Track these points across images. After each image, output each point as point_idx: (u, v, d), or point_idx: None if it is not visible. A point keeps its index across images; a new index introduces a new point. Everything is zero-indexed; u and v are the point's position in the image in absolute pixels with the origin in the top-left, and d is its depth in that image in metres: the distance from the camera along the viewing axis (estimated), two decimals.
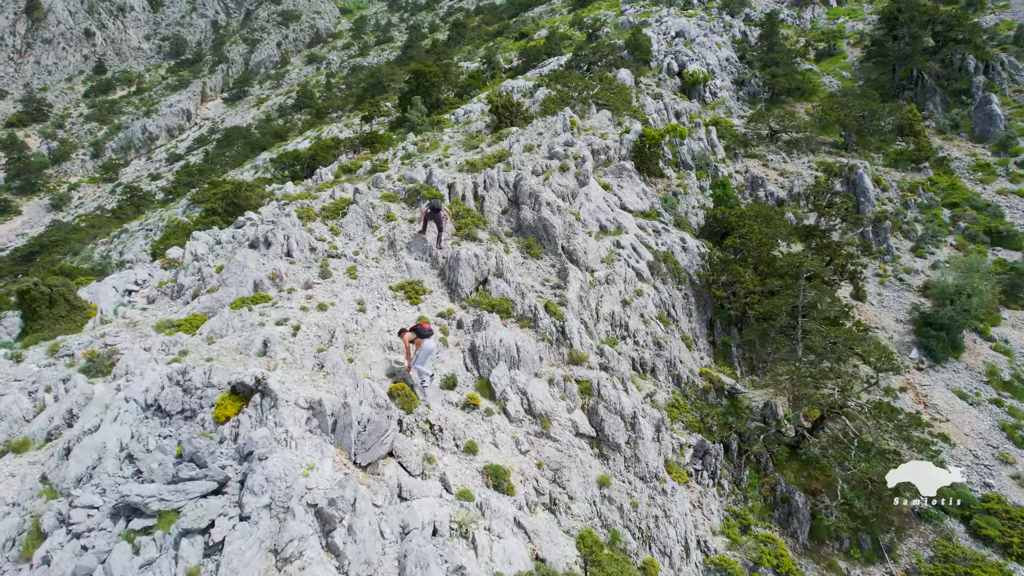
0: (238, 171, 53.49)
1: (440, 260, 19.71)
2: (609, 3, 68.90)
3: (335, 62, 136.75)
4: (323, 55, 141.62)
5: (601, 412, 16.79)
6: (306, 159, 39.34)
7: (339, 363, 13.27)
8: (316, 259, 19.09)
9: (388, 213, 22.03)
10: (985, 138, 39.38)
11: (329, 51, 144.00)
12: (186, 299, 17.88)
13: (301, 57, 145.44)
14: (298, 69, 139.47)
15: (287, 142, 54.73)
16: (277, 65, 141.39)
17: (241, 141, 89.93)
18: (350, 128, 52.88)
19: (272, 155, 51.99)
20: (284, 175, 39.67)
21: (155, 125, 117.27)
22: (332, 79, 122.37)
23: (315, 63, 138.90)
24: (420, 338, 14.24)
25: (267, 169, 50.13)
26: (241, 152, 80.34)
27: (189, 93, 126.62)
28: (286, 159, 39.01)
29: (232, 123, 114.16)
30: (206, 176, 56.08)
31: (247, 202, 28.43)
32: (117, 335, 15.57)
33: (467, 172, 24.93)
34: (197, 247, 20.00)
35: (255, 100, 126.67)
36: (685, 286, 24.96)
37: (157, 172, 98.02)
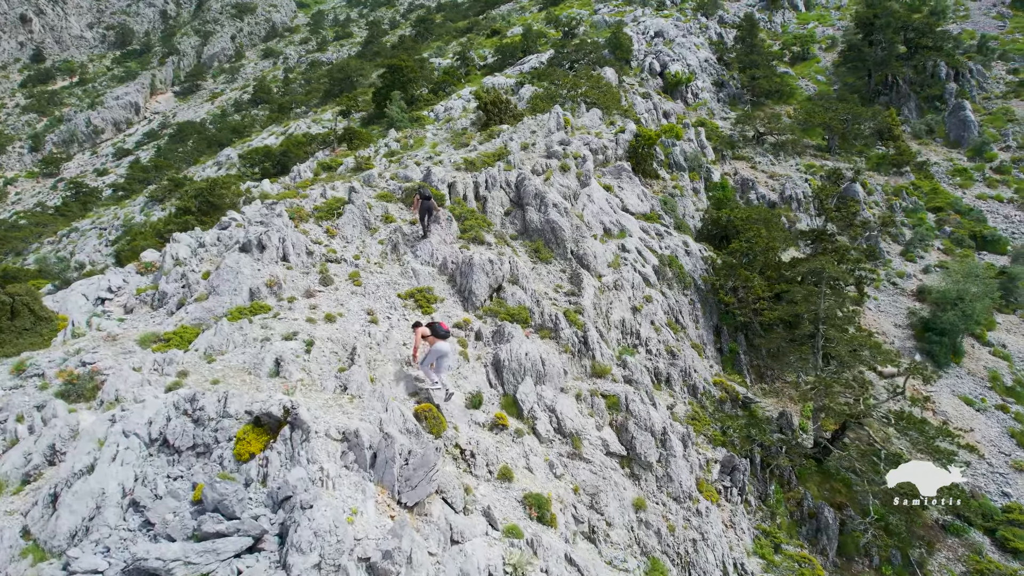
0: (199, 168, 50.55)
1: (449, 265, 18.30)
2: (581, 2, 68.26)
3: (292, 57, 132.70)
4: (280, 50, 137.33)
5: (631, 429, 15.71)
6: (277, 156, 37.18)
7: (363, 384, 11.79)
8: (314, 264, 17.44)
9: (386, 214, 20.50)
10: (960, 143, 40.06)
11: (286, 45, 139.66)
12: (170, 309, 16.01)
13: (257, 51, 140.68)
14: (254, 63, 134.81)
15: (251, 138, 52.06)
16: (231, 59, 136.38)
17: (196, 136, 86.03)
18: (319, 124, 50.61)
19: (237, 151, 49.28)
20: (254, 172, 37.39)
21: (100, 118, 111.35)
22: (290, 74, 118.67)
23: (271, 57, 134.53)
24: (435, 337, 13.25)
25: (232, 166, 47.45)
26: (197, 148, 76.67)
27: (137, 85, 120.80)
28: (255, 156, 36.77)
29: (184, 118, 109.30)
30: (163, 172, 52.87)
31: (221, 200, 26.36)
32: (95, 351, 13.68)
33: (466, 171, 23.56)
34: (178, 250, 18.07)
35: (209, 94, 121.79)
36: (690, 291, 24.15)
37: (104, 167, 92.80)
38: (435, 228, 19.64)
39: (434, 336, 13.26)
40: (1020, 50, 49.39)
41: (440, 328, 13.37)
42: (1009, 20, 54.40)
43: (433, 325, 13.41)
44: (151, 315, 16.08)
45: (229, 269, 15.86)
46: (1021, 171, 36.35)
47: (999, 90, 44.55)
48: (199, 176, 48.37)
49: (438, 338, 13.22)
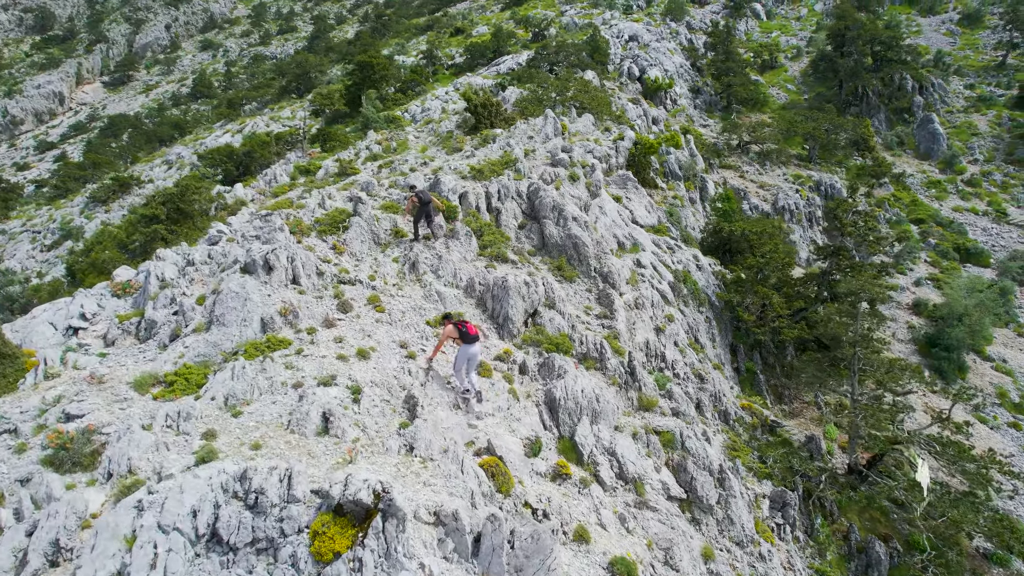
0: (145, 166, 46.53)
1: (477, 287, 16.53)
2: (545, 2, 67.16)
3: (234, 50, 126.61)
4: (219, 42, 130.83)
5: (690, 469, 14.40)
6: (240, 156, 34.26)
7: (432, 441, 9.95)
8: (326, 286, 15.37)
9: (396, 227, 18.54)
10: (930, 155, 40.90)
11: (226, 38, 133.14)
12: (161, 341, 13.66)
13: (194, 43, 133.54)
14: (191, 55, 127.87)
15: (204, 136, 48.32)
16: (167, 49, 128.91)
17: (131, 131, 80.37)
18: (279, 122, 47.48)
19: (190, 149, 45.58)
20: (215, 174, 34.30)
21: (19, 108, 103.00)
22: (232, 68, 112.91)
23: (211, 50, 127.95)
24: (463, 340, 12.48)
25: (183, 165, 43.83)
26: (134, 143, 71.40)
27: (61, 74, 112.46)
28: (217, 156, 33.75)
29: (116, 110, 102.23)
30: (103, 170, 48.47)
31: (191, 207, 23.66)
32: (81, 399, 11.33)
33: (473, 180, 21.78)
34: (163, 269, 15.62)
35: (143, 86, 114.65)
36: (705, 308, 23.14)
37: (24, 161, 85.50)
38: (454, 245, 17.85)
39: (462, 339, 12.50)
40: (973, 66, 51.19)
41: (468, 334, 12.46)
42: (959, 37, 56.43)
43: (461, 327, 12.51)
44: (139, 349, 13.68)
45: (234, 295, 13.64)
46: (992, 184, 37.32)
47: (960, 104, 45.91)
48: (146, 175, 44.55)
49: (465, 341, 12.45)
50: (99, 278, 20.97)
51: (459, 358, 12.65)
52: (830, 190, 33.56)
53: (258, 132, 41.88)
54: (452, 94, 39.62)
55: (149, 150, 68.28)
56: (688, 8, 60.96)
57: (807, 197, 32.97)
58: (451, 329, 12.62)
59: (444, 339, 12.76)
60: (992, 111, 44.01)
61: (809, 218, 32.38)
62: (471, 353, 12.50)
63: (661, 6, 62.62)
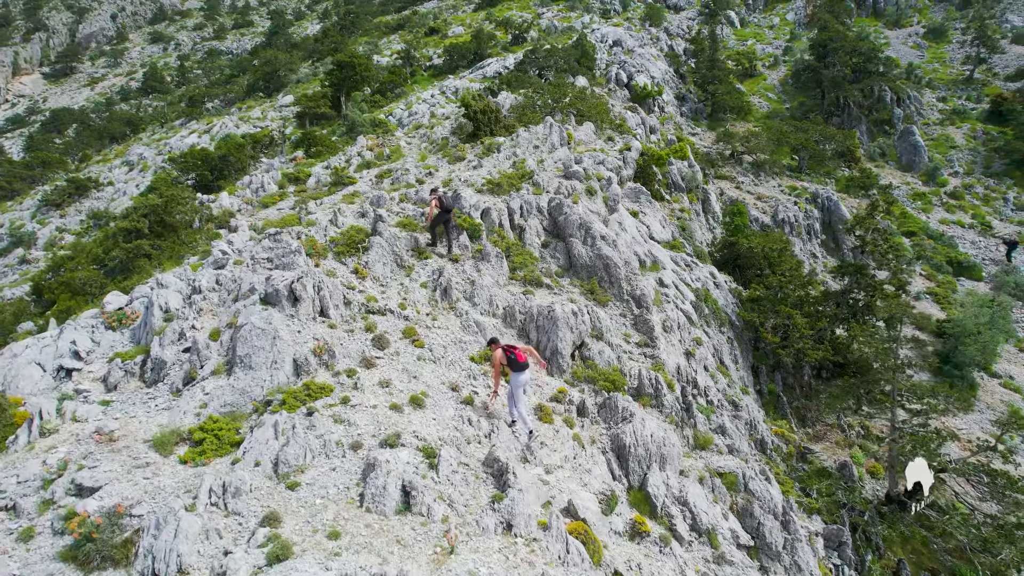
0: (104, 167, 43.21)
1: (517, 316, 15.22)
2: (520, 4, 66.05)
3: (186, 44, 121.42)
4: (171, 35, 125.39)
5: (756, 513, 13.43)
6: (216, 160, 31.95)
7: (532, 515, 8.63)
8: (354, 317, 13.84)
9: (417, 247, 17.06)
10: (911, 167, 41.42)
11: (178, 30, 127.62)
12: (173, 384, 11.92)
13: (143, 34, 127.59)
14: (140, 48, 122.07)
15: (170, 136, 45.23)
16: (113, 41, 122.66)
17: (78, 126, 75.80)
18: (248, 122, 44.92)
19: (151, 150, 42.56)
20: (186, 179, 31.83)
21: None
22: (185, 63, 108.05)
23: (161, 42, 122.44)
24: (511, 368, 11.40)
25: (146, 167, 40.90)
26: (82, 140, 67.09)
27: None
28: (190, 160, 31.34)
29: (59, 103, 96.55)
30: (54, 170, 44.89)
31: (173, 218, 21.55)
32: (93, 465, 9.63)
33: (490, 193, 20.44)
34: (167, 298, 13.80)
35: (87, 79, 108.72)
36: (726, 329, 22.37)
37: None
38: (484, 267, 16.50)
39: (510, 367, 11.41)
40: (943, 80, 52.39)
41: (518, 360, 11.36)
42: (926, 51, 57.79)
43: (510, 353, 11.44)
44: (148, 395, 11.91)
45: (260, 332, 12.00)
46: (974, 197, 37.96)
47: (935, 117, 46.81)
48: (105, 177, 41.47)
49: (514, 369, 11.36)
50: (75, 301, 18.82)
51: (513, 386, 11.53)
52: (827, 202, 33.43)
53: (232, 134, 39.36)
54: (438, 97, 38.09)
55: (99, 147, 64.26)
56: (664, 14, 60.76)
57: (805, 209, 32.75)
58: (500, 355, 11.48)
59: (498, 367, 11.58)
60: (967, 124, 44.97)
61: (808, 231, 32.16)
62: (520, 382, 11.43)
63: (638, 11, 62.33)
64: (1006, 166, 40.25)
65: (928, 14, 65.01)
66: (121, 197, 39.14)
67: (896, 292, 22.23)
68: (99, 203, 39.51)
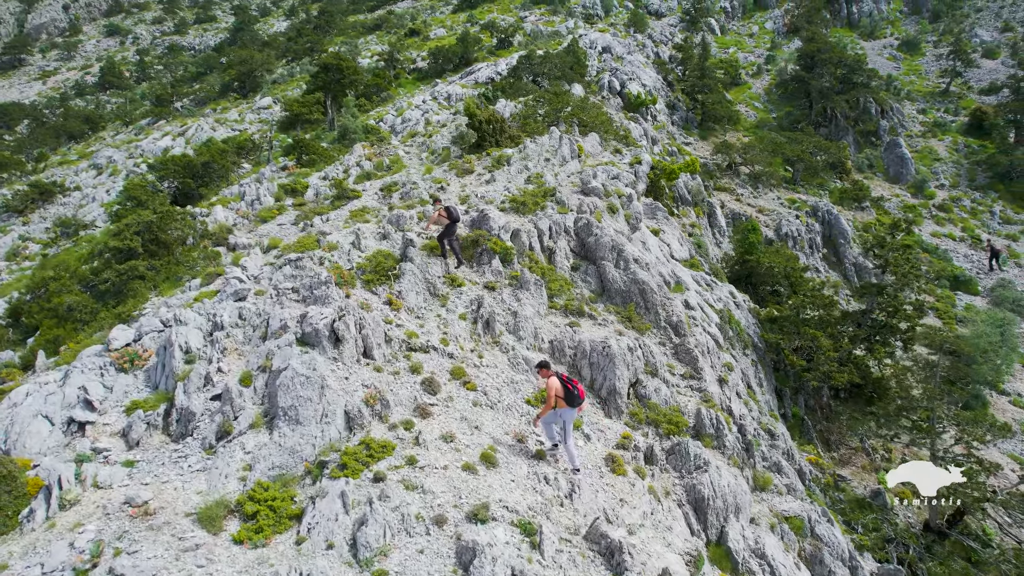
0: (68, 169, 40.49)
1: (567, 350, 14.26)
2: (501, 7, 65.04)
3: (145, 38, 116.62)
4: (128, 28, 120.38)
5: (826, 559, 12.80)
6: (199, 168, 30.07)
7: None
8: (396, 356, 12.67)
9: (449, 274, 15.93)
10: (899, 179, 41.85)
11: (135, 24, 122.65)
12: (206, 440, 10.61)
13: (98, 27, 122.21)
14: (95, 40, 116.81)
15: (141, 138, 42.69)
16: (65, 32, 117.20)
17: (31, 123, 71.95)
18: (225, 125, 42.77)
19: (121, 152, 40.05)
20: (167, 187, 29.81)
21: None
22: (145, 58, 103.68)
23: (118, 36, 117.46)
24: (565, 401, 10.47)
25: (115, 171, 38.44)
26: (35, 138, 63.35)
27: None
28: (172, 166, 29.38)
29: (7, 98, 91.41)
30: (13, 172, 41.87)
31: (167, 235, 19.90)
32: (133, 548, 8.37)
33: (514, 212, 19.40)
34: (187, 335, 12.40)
35: (38, 72, 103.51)
36: (750, 351, 21.81)
37: None
38: (524, 296, 15.49)
39: (566, 401, 10.41)
40: (920, 92, 53.40)
41: (579, 395, 10.43)
42: (902, 63, 58.88)
43: (571, 386, 10.44)
44: (177, 452, 10.56)
45: (303, 380, 10.77)
46: (962, 210, 38.54)
47: (917, 129, 47.55)
48: (71, 182, 38.92)
49: (571, 404, 10.42)
50: (64, 329, 17.11)
51: (556, 417, 10.68)
52: (827, 216, 33.36)
53: (212, 139, 37.28)
54: (431, 103, 36.81)
55: (55, 146, 60.72)
56: (647, 20, 60.52)
57: (806, 223, 32.61)
58: (557, 385, 10.42)
59: (552, 397, 10.41)
60: (948, 137, 45.77)
61: (811, 244, 32.01)
62: (571, 415, 10.54)
63: (620, 16, 61.98)
64: (989, 179, 41.01)
65: (900, 26, 66.39)
66: (90, 203, 36.78)
67: (914, 313, 21.98)
68: (66, 209, 37.04)
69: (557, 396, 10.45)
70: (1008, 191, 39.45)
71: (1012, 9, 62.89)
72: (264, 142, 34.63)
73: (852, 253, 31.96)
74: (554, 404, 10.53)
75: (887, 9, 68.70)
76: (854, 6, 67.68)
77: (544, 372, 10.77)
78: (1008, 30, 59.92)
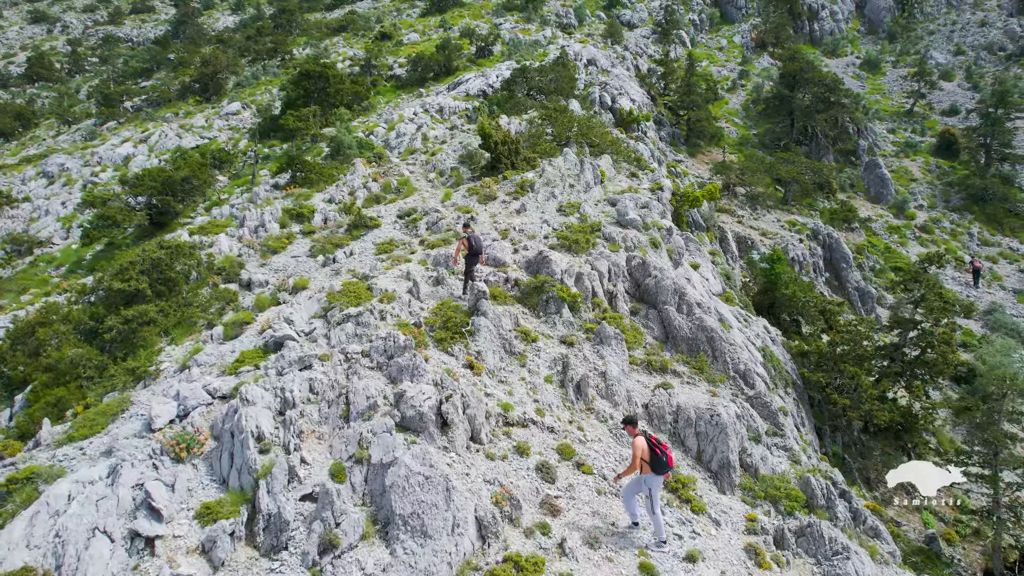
0: (11, 177, 36.18)
1: (667, 417, 13.09)
2: (472, 13, 63.44)
3: (76, 27, 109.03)
4: (55, 15, 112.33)
5: None
6: (178, 184, 27.35)
7: None
8: (497, 435, 11.25)
9: (519, 326, 14.53)
10: (879, 199, 42.72)
11: (64, 11, 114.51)
12: (307, 556, 8.95)
13: (20, 12, 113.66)
14: (18, 27, 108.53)
15: (98, 144, 38.73)
16: None
17: None
18: (192, 132, 39.60)
19: (75, 160, 36.28)
20: (135, 211, 26.86)
21: None
22: (78, 48, 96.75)
23: (44, 23, 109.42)
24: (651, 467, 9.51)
25: (70, 181, 34.86)
26: None
27: None
28: (150, 182, 26.49)
29: None
30: None
31: (174, 272, 17.62)
32: None
33: (565, 251, 18.11)
34: (257, 418, 10.57)
35: None
36: (791, 390, 21.25)
37: None
38: (607, 352, 14.27)
39: (652, 467, 9.46)
40: (887, 111, 55.00)
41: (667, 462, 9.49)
42: (866, 81, 60.61)
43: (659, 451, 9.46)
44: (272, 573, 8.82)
45: (420, 479, 9.23)
46: (942, 231, 39.62)
47: (890, 149, 48.83)
48: (19, 191, 35.11)
49: (657, 471, 9.48)
50: (66, 390, 14.76)
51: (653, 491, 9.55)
52: (827, 239, 33.51)
53: (181, 147, 34.30)
54: (423, 116, 35.01)
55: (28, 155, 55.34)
56: (622, 30, 60.18)
57: (809, 247, 32.63)
58: (644, 447, 9.43)
59: (638, 462, 9.44)
60: (920, 157, 47.16)
61: (815, 268, 32.02)
62: (657, 483, 9.55)
63: (594, 25, 61.44)
64: (963, 200, 42.34)
65: (859, 45, 68.47)
66: (44, 217, 33.30)
67: (948, 350, 21.96)
68: (14, 223, 33.41)
69: (643, 460, 9.42)
70: (983, 213, 40.78)
71: (962, 33, 65.71)
72: (238, 153, 32.09)
73: (855, 277, 32.15)
74: (639, 467, 9.46)
75: (846, 28, 70.72)
76: (816, 24, 69.35)
77: (631, 429, 9.79)
78: (960, 53, 62.53)
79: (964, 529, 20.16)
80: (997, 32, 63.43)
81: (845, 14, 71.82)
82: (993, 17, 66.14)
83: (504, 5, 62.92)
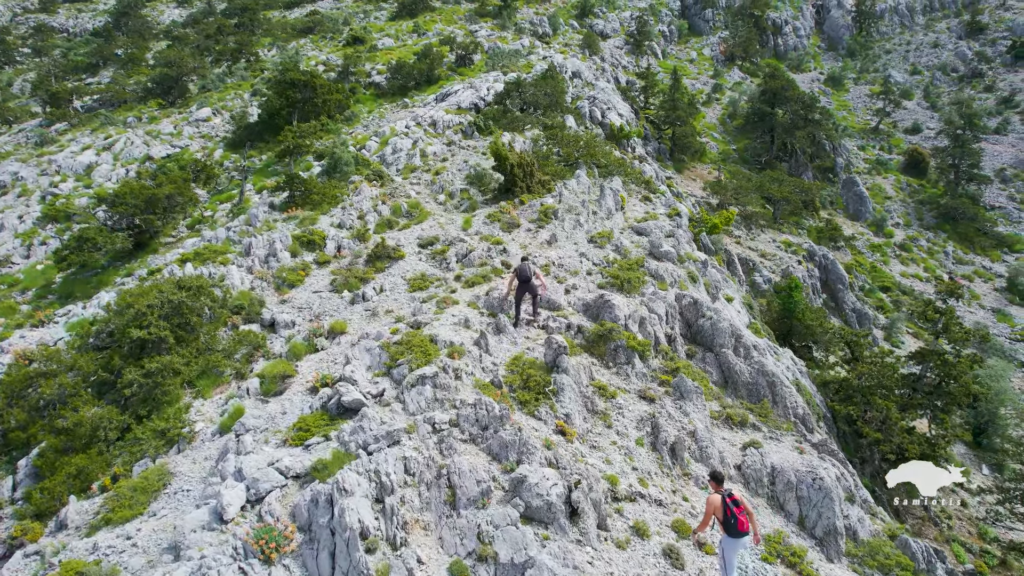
0: None
1: (765, 480, 12.45)
2: (445, 18, 61.98)
3: (3, 14, 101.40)
4: None
5: None
6: (163, 200, 25.16)
7: None
8: (610, 513, 10.33)
9: (596, 381, 13.66)
10: (858, 217, 43.77)
11: None
12: None
13: None
14: None
15: (56, 151, 35.22)
16: None
17: None
18: (159, 140, 36.86)
19: (31, 168, 33.06)
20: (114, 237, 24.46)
21: None
22: (7, 37, 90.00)
23: None
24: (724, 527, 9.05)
25: (26, 191, 31.79)
26: None
27: None
28: (132, 200, 24.15)
29: None
30: None
31: (193, 315, 15.90)
32: None
33: (616, 290, 17.31)
34: (356, 509, 9.33)
35: None
36: (823, 424, 21.12)
37: None
38: (690, 408, 13.55)
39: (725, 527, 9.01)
40: (855, 128, 56.61)
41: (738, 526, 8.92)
42: (831, 97, 62.31)
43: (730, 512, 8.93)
44: None
45: None
46: (920, 250, 40.82)
47: (862, 166, 50.18)
48: None
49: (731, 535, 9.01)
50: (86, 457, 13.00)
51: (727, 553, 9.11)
52: (824, 260, 33.90)
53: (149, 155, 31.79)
54: (416, 130, 33.53)
55: None
56: (597, 41, 59.97)
57: (807, 268, 32.94)
58: (716, 504, 8.94)
59: (709, 519, 9.12)
60: (891, 175, 48.64)
61: (813, 290, 32.32)
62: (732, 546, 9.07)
63: (567, 35, 61.04)
64: (936, 219, 43.80)
65: (821, 61, 70.46)
66: (0, 232, 30.26)
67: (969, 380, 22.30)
68: None
69: (715, 516, 8.98)
70: (955, 231, 42.24)
71: (916, 54, 68.44)
72: (215, 165, 29.97)
73: (851, 299, 32.60)
74: (709, 524, 9.16)
75: (808, 44, 72.65)
76: (780, 39, 70.97)
77: (714, 485, 9.21)
78: (916, 73, 65.05)
79: (991, 560, 20.45)
80: (949, 54, 66.26)
81: (807, 30, 73.81)
82: (944, 39, 69.13)
83: (477, 11, 61.75)
